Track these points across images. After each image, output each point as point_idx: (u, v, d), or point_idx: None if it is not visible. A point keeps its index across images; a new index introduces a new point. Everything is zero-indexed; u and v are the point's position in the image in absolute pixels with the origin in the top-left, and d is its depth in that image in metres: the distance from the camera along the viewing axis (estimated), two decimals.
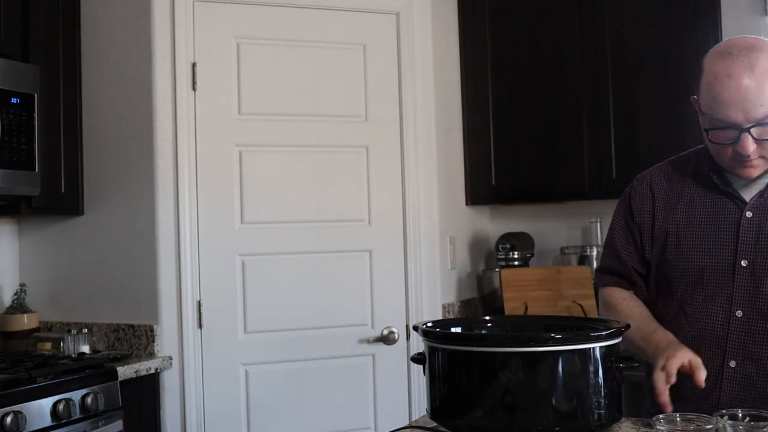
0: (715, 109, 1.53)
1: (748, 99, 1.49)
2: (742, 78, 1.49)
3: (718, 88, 1.52)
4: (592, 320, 1.65)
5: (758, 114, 1.49)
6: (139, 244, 2.89)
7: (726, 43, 1.58)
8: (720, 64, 1.53)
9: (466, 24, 3.47)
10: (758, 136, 1.52)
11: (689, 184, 1.71)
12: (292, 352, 3.00)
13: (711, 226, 1.64)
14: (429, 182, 3.22)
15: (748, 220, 1.61)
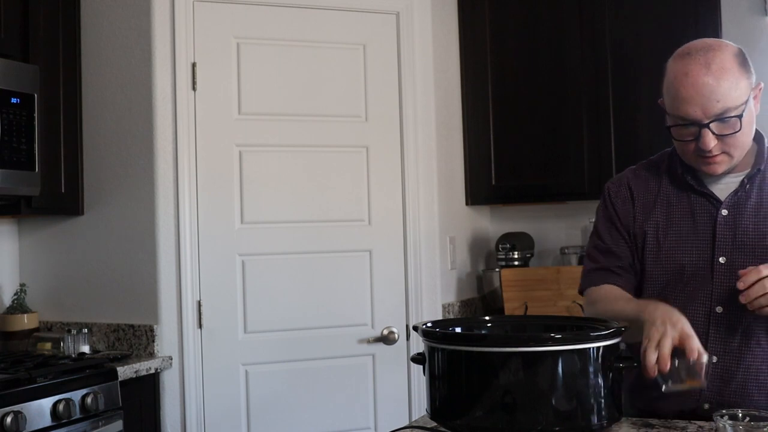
0: (676, 106, 1.59)
1: (705, 95, 1.55)
2: (699, 76, 1.56)
3: (677, 86, 1.58)
4: (592, 320, 1.65)
5: (716, 110, 1.55)
6: (139, 244, 2.89)
7: (686, 45, 1.65)
8: (679, 64, 1.60)
9: (466, 24, 3.47)
10: (718, 132, 1.57)
11: (664, 185, 1.75)
12: (292, 352, 3.01)
13: (689, 226, 1.67)
14: (429, 182, 3.22)
15: (724, 218, 1.65)
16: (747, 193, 1.66)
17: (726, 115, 1.56)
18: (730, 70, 1.58)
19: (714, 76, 1.56)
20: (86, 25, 3.01)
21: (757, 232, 1.62)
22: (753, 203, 1.64)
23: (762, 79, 3.34)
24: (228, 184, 2.97)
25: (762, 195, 1.65)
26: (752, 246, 1.62)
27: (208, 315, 2.92)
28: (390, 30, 3.20)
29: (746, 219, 1.63)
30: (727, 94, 1.56)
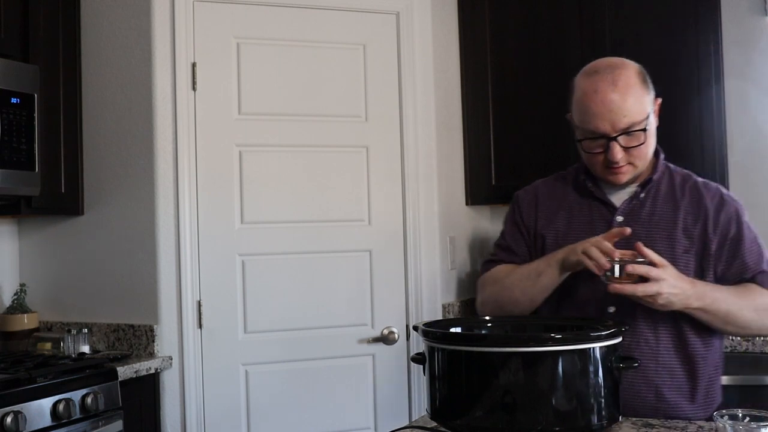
0: (586, 121, 1.71)
1: (613, 111, 1.67)
2: (606, 93, 1.68)
3: (587, 102, 1.71)
4: (592, 320, 1.65)
5: (623, 124, 1.68)
6: (139, 245, 2.89)
7: (592, 64, 1.78)
8: (587, 82, 1.73)
9: (466, 24, 3.47)
10: (625, 144, 1.70)
11: (569, 193, 1.87)
12: (292, 352, 3.01)
13: (587, 231, 1.77)
14: (429, 182, 3.22)
15: (618, 224, 1.75)
16: (641, 201, 1.77)
17: (632, 128, 1.68)
18: (634, 86, 1.70)
19: (620, 92, 1.68)
20: (86, 25, 3.01)
21: (649, 238, 1.70)
22: (647, 211, 1.76)
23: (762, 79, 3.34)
24: (228, 184, 2.97)
25: (656, 204, 1.77)
26: None
27: (208, 315, 2.92)
28: (390, 30, 3.20)
29: (639, 225, 1.73)
30: (632, 109, 1.68)
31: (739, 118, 3.24)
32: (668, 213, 1.76)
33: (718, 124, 3.05)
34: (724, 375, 2.63)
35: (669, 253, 1.69)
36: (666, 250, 1.70)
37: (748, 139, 3.25)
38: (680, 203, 1.76)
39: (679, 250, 1.71)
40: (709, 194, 1.77)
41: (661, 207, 1.77)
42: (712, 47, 3.06)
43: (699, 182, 1.81)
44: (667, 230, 1.73)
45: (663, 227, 1.74)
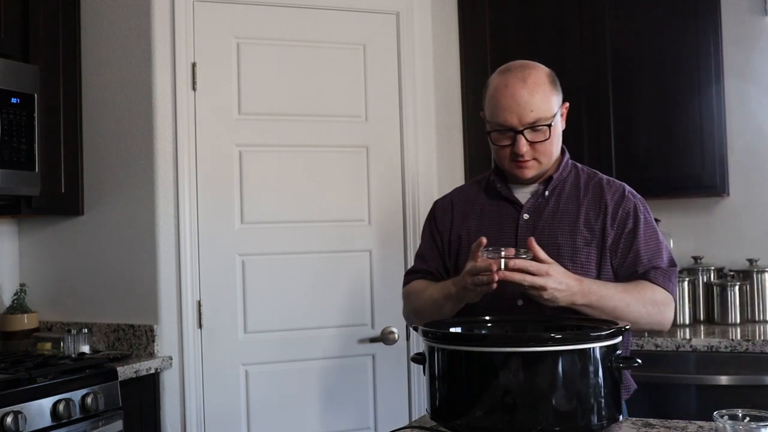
0: (496, 114, 1.80)
1: (521, 105, 1.77)
2: (516, 88, 1.78)
3: (497, 96, 1.80)
4: (592, 320, 1.65)
5: (529, 118, 1.77)
6: (139, 245, 2.89)
7: (506, 64, 1.87)
8: (499, 78, 1.82)
9: (466, 24, 3.47)
10: (531, 138, 1.79)
11: (481, 195, 1.96)
12: (292, 352, 3.01)
13: (496, 229, 1.87)
14: (429, 182, 3.22)
15: (525, 221, 1.85)
16: (546, 199, 1.86)
17: (538, 123, 1.77)
18: (543, 85, 1.80)
19: (529, 89, 1.77)
20: (86, 25, 3.01)
21: (552, 233, 1.81)
22: (551, 208, 1.85)
23: (762, 79, 3.34)
24: (228, 184, 2.97)
25: (559, 201, 1.86)
26: (547, 244, 1.76)
27: (208, 315, 2.92)
28: (390, 30, 3.20)
29: (543, 222, 1.83)
30: (539, 106, 1.77)
31: (739, 118, 3.24)
32: (571, 209, 1.84)
33: (718, 124, 3.05)
34: (723, 375, 2.66)
35: (571, 245, 1.79)
36: (568, 242, 1.79)
37: (748, 139, 3.25)
38: (583, 200, 1.84)
39: (580, 243, 1.79)
40: (610, 191, 1.85)
41: (565, 204, 1.85)
42: (712, 47, 3.06)
43: (603, 180, 1.89)
44: (569, 224, 1.82)
45: (565, 222, 1.82)
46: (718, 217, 3.30)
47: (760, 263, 3.16)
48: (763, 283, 3.11)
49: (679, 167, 3.08)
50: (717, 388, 2.66)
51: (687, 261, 3.29)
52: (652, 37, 3.13)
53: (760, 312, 3.11)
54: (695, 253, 3.28)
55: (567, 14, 3.28)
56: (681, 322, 3.06)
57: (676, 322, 3.05)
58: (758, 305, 3.11)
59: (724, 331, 2.91)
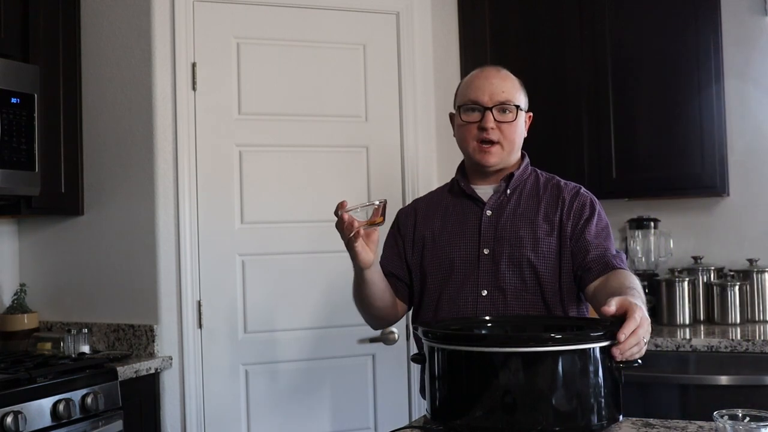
0: (468, 93, 1.92)
1: (494, 85, 1.90)
2: (490, 72, 1.93)
3: (471, 80, 1.94)
4: (592, 320, 1.65)
5: (500, 98, 1.89)
6: (139, 245, 2.89)
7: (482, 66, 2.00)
8: (476, 69, 1.98)
9: (466, 24, 3.47)
10: (498, 118, 1.89)
11: (445, 197, 2.05)
12: (292, 353, 3.01)
13: (460, 226, 1.95)
14: (429, 182, 3.22)
15: (488, 217, 1.92)
16: (508, 197, 1.94)
17: (507, 103, 1.89)
18: (515, 81, 1.95)
19: (502, 77, 1.93)
20: (86, 25, 3.01)
21: (513, 228, 1.89)
22: (512, 205, 1.93)
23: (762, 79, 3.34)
24: (228, 184, 2.97)
25: (520, 200, 1.94)
26: (509, 239, 1.88)
27: (208, 315, 2.92)
28: (390, 30, 3.20)
29: (505, 218, 1.91)
30: (510, 91, 1.91)
31: (739, 118, 3.24)
32: (531, 206, 1.93)
33: (718, 124, 3.05)
34: (723, 375, 2.66)
35: (532, 237, 1.87)
36: (529, 234, 1.88)
37: (748, 139, 3.25)
38: (542, 198, 1.94)
39: (541, 234, 1.87)
40: (567, 189, 1.95)
41: (525, 201, 1.94)
42: (712, 47, 3.06)
43: (561, 181, 1.98)
44: (530, 219, 1.90)
45: (526, 217, 1.91)
46: (718, 217, 3.30)
47: (760, 263, 3.16)
48: (763, 283, 3.11)
49: (679, 167, 3.08)
50: (717, 388, 2.66)
51: (687, 261, 3.29)
52: (652, 37, 3.14)
53: (760, 312, 3.11)
54: (695, 253, 3.28)
55: (567, 14, 3.28)
56: (681, 322, 3.06)
57: (677, 322, 3.05)
58: (758, 305, 3.11)
59: (724, 331, 2.91)
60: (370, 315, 2.06)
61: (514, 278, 1.85)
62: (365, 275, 1.91)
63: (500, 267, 1.86)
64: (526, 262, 1.85)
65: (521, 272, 1.85)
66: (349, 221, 1.76)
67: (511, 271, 1.85)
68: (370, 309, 2.03)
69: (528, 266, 1.85)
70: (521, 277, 1.85)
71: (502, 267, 1.86)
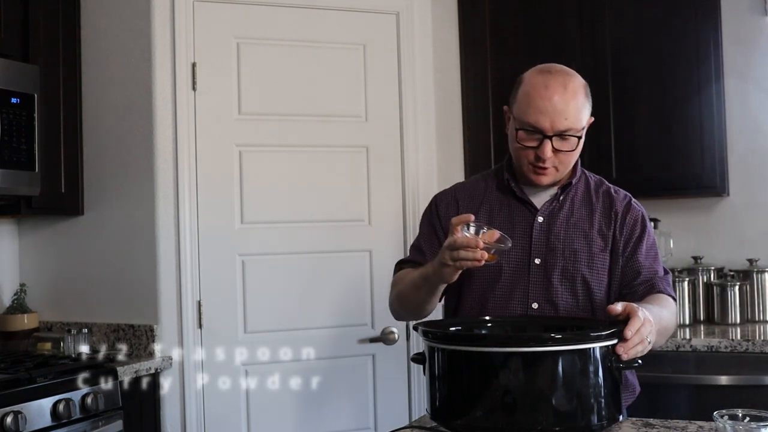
0: (528, 114, 1.74)
1: (557, 111, 1.72)
2: (556, 91, 1.73)
3: (535, 96, 1.74)
4: (592, 320, 1.65)
5: (562, 126, 1.73)
6: (139, 245, 2.89)
7: (545, 64, 1.81)
8: (539, 77, 1.76)
9: (466, 24, 3.46)
10: (557, 146, 1.75)
11: (490, 194, 1.91)
12: (292, 352, 3.00)
13: (508, 230, 1.80)
14: (429, 182, 3.22)
15: (540, 224, 1.83)
16: (560, 203, 1.85)
17: (568, 133, 1.74)
18: (580, 96, 1.76)
19: (567, 97, 1.73)
20: (86, 25, 3.01)
21: (567, 238, 1.81)
22: (565, 213, 1.84)
23: (762, 78, 3.34)
24: (228, 184, 2.97)
25: (573, 207, 1.85)
26: (562, 249, 1.80)
27: (208, 315, 2.92)
28: (390, 30, 3.20)
29: (558, 226, 1.82)
30: (573, 116, 1.73)
31: (739, 118, 3.24)
32: (584, 215, 1.84)
33: (718, 124, 3.05)
34: (723, 375, 2.66)
35: (587, 252, 1.80)
36: (584, 248, 1.80)
37: (748, 139, 3.25)
38: (595, 206, 1.85)
39: (595, 249, 1.80)
40: (618, 199, 1.87)
41: (578, 209, 1.85)
42: (712, 47, 3.06)
43: (611, 188, 1.90)
44: (584, 231, 1.82)
45: (580, 228, 1.83)
46: (718, 217, 3.30)
47: (760, 263, 3.16)
48: (763, 283, 3.11)
49: (679, 167, 3.08)
50: (717, 388, 2.66)
51: (687, 261, 3.29)
52: (652, 37, 3.13)
53: (760, 312, 3.11)
54: (695, 253, 3.28)
55: (567, 14, 3.28)
56: (681, 322, 3.06)
57: (677, 322, 3.05)
58: (758, 305, 3.11)
59: (724, 331, 2.91)
60: (410, 313, 1.92)
61: (566, 293, 1.78)
62: (438, 287, 1.75)
63: (552, 280, 1.79)
64: (580, 278, 1.79)
65: (573, 287, 1.79)
66: (477, 246, 1.54)
67: (564, 286, 1.79)
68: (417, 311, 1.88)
69: (581, 282, 1.79)
70: (573, 292, 1.78)
71: (554, 280, 1.79)
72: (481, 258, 1.54)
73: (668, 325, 1.71)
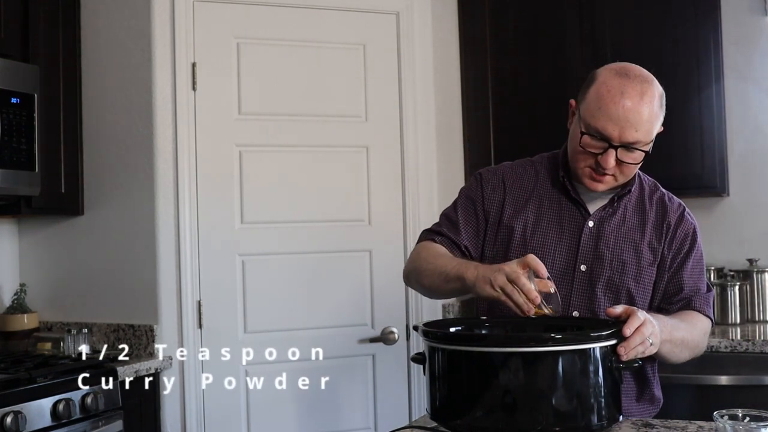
0: (597, 118, 1.62)
1: (629, 121, 1.60)
2: (632, 99, 1.60)
3: (608, 100, 1.61)
4: (592, 320, 1.65)
5: (631, 138, 1.61)
6: (139, 244, 2.89)
7: (624, 65, 1.67)
8: (616, 80, 1.63)
9: (466, 24, 3.47)
10: (621, 157, 1.64)
11: (540, 185, 1.80)
12: (292, 352, 3.00)
13: (557, 230, 1.75)
14: (429, 182, 3.22)
15: (590, 229, 1.74)
16: (614, 209, 1.75)
17: (635, 146, 1.63)
18: (655, 107, 1.63)
19: (642, 107, 1.60)
20: (86, 25, 3.01)
21: (616, 247, 1.72)
22: (617, 220, 1.75)
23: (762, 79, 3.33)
24: (228, 184, 2.97)
25: (626, 213, 1.76)
26: (610, 259, 1.71)
27: (208, 315, 2.92)
28: (390, 30, 3.20)
29: (608, 233, 1.73)
30: (644, 128, 1.62)
31: (739, 118, 3.24)
32: (636, 224, 1.76)
33: (718, 124, 3.05)
34: (723, 375, 2.66)
35: (636, 265, 1.72)
36: (633, 261, 1.72)
37: (748, 139, 3.26)
38: (648, 215, 1.77)
39: (644, 263, 1.73)
40: (672, 209, 1.78)
41: (631, 217, 1.76)
42: (712, 47, 3.06)
43: (665, 196, 1.81)
44: (634, 242, 1.74)
45: (631, 239, 1.74)
46: (718, 217, 3.30)
47: (760, 263, 3.16)
48: (763, 283, 3.11)
49: (679, 167, 3.08)
50: (717, 388, 2.66)
51: None
52: (652, 37, 3.14)
53: (760, 312, 3.11)
54: None
55: (567, 14, 3.28)
56: None
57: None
58: (758, 305, 3.11)
59: (724, 331, 2.91)
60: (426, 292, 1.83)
61: (608, 305, 1.64)
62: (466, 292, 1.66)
63: (596, 290, 1.71)
64: (625, 291, 1.71)
65: (617, 300, 1.70)
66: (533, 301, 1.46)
67: (607, 297, 1.71)
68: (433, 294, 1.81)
69: (626, 295, 1.71)
70: (616, 304, 1.63)
71: (598, 290, 1.71)
72: (527, 312, 1.46)
73: (687, 338, 1.66)
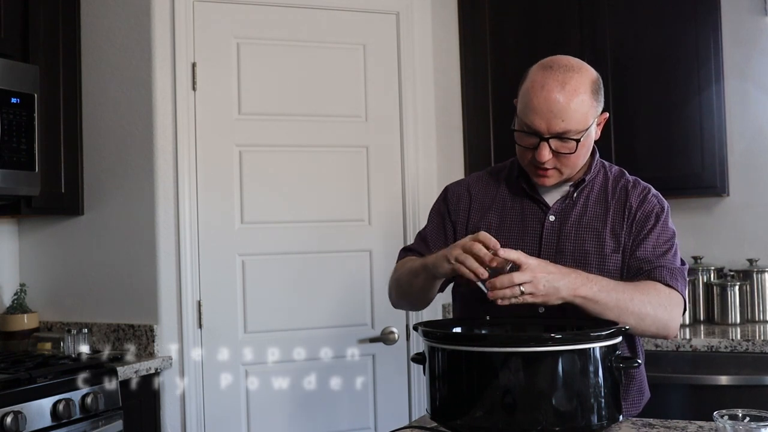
0: (526, 113, 1.66)
1: (553, 112, 1.62)
2: (552, 91, 1.62)
3: (531, 95, 1.65)
4: (592, 320, 1.65)
5: (558, 128, 1.63)
6: (139, 244, 2.89)
7: (552, 57, 1.73)
8: (539, 74, 1.67)
9: (466, 24, 3.47)
10: (555, 149, 1.66)
11: (502, 188, 1.84)
12: (292, 352, 3.00)
13: (519, 228, 1.77)
14: (429, 182, 3.22)
15: (551, 223, 1.75)
16: (574, 201, 1.76)
17: (566, 135, 1.64)
18: (582, 94, 1.65)
19: (565, 96, 1.62)
20: (86, 25, 3.01)
21: (578, 238, 1.72)
22: (578, 211, 1.75)
23: (762, 79, 3.33)
24: (228, 184, 2.97)
25: (587, 204, 1.76)
26: (572, 250, 1.71)
27: (208, 315, 2.92)
28: (390, 30, 3.20)
29: (569, 225, 1.73)
30: (572, 117, 1.63)
31: (739, 118, 3.24)
32: (598, 214, 1.75)
33: (718, 124, 3.05)
34: (723, 375, 2.66)
35: (598, 253, 1.71)
36: (596, 249, 1.71)
37: (748, 139, 3.26)
38: (610, 204, 1.75)
39: (607, 251, 1.71)
40: (634, 193, 1.76)
41: (592, 207, 1.76)
42: (712, 47, 3.06)
43: (629, 182, 1.79)
44: (596, 231, 1.73)
45: (592, 228, 1.73)
46: (718, 217, 3.30)
47: (760, 263, 3.16)
48: (763, 283, 3.11)
49: (679, 167, 3.08)
50: (717, 388, 2.66)
51: (687, 261, 3.28)
52: (652, 37, 3.14)
53: (760, 312, 3.11)
54: (695, 253, 3.28)
55: (567, 14, 3.28)
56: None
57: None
58: (758, 305, 3.11)
59: (724, 331, 2.91)
60: (406, 301, 1.88)
61: None
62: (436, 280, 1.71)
63: None
64: None
65: None
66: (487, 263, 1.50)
67: None
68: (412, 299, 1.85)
69: None
70: None
71: None
72: (482, 276, 1.49)
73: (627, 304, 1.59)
